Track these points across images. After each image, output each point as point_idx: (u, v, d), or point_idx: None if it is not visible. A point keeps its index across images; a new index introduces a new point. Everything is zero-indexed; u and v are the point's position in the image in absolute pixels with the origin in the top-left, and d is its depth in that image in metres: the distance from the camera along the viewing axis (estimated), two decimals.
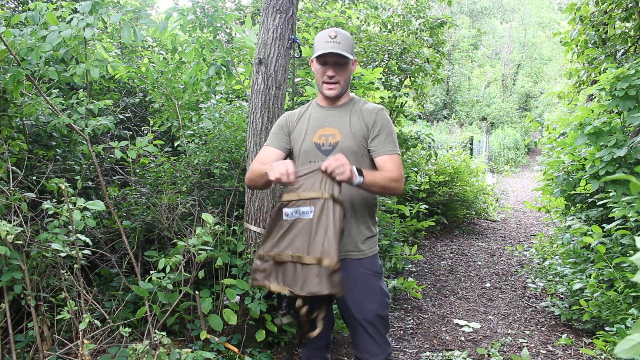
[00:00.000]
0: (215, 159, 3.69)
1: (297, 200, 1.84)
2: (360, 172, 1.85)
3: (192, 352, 2.63)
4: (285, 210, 1.85)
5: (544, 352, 3.44)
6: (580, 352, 3.34)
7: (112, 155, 3.93)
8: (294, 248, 1.82)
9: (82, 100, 3.12)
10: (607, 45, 5.70)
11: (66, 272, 2.68)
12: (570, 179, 4.61)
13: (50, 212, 2.54)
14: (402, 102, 5.89)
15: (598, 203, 4.11)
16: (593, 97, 5.64)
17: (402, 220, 5.53)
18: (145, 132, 4.66)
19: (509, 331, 3.84)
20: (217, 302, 3.09)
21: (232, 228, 3.25)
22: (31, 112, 3.17)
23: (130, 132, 4.82)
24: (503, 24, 30.88)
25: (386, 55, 5.55)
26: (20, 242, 2.53)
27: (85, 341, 2.51)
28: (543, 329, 3.89)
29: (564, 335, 3.60)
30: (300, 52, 3.20)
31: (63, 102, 3.21)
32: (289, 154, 2.16)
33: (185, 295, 3.00)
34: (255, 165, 2.10)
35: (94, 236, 3.19)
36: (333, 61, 2.01)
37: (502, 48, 29.41)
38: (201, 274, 2.98)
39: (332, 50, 1.97)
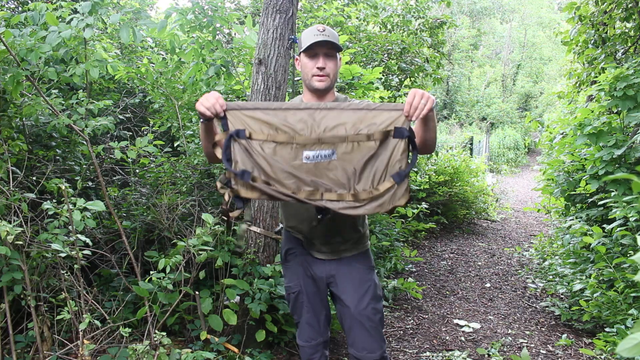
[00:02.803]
0: None
1: (316, 143, 1.77)
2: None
3: (192, 352, 2.63)
4: (306, 153, 1.78)
5: (544, 352, 3.44)
6: (580, 352, 3.34)
7: (112, 156, 3.92)
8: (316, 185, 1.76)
9: (82, 101, 3.12)
10: (607, 45, 5.69)
11: (66, 273, 2.68)
12: (571, 179, 4.61)
13: (50, 213, 2.54)
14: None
15: (598, 203, 4.11)
16: (593, 97, 5.64)
17: (403, 221, 5.52)
18: (145, 132, 4.66)
19: (509, 331, 3.84)
20: (217, 302, 3.09)
21: (232, 228, 3.24)
22: (31, 112, 3.17)
23: (130, 133, 4.81)
24: (503, 24, 30.87)
25: (386, 55, 5.55)
26: (20, 243, 2.52)
27: (85, 341, 2.50)
28: (543, 329, 3.89)
29: (564, 336, 3.60)
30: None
31: (63, 102, 3.20)
32: None
33: (185, 295, 2.99)
34: None
35: (94, 236, 3.18)
36: (323, 52, 2.03)
37: (502, 48, 29.41)
38: (201, 274, 2.98)
39: (322, 39, 1.99)
